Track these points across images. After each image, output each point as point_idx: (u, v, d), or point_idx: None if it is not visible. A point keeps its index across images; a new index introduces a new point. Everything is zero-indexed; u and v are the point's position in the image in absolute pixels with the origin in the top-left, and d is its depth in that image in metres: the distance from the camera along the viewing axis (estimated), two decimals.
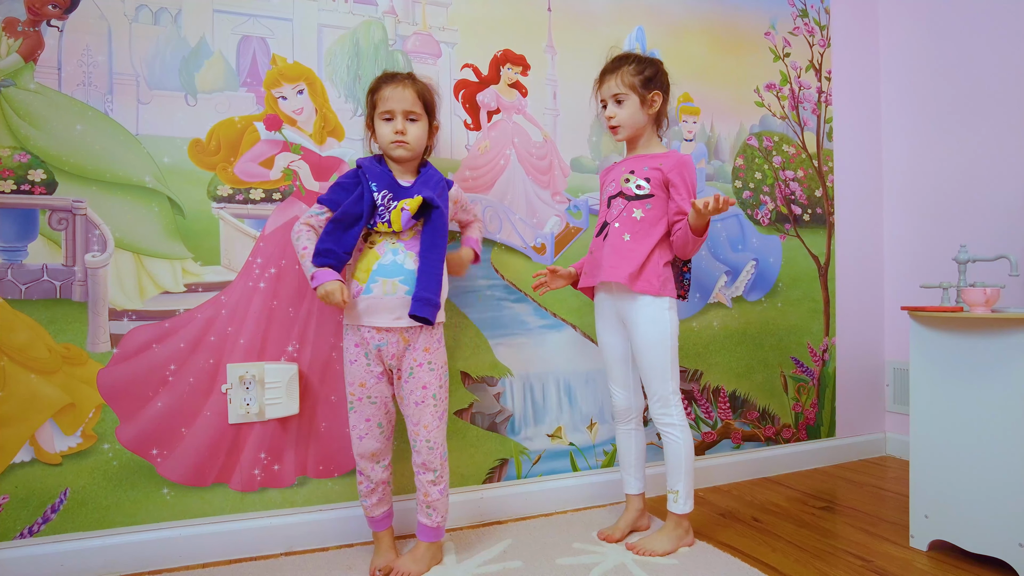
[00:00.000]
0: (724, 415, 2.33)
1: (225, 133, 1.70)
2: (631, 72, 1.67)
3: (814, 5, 2.52)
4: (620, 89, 1.68)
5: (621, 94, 1.68)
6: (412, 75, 1.64)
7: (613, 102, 1.70)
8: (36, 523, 1.54)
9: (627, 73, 1.67)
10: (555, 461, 2.06)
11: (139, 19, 1.63)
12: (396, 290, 1.53)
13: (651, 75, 1.69)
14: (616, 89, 1.68)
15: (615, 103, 1.70)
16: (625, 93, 1.68)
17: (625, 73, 1.67)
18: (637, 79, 1.67)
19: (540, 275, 1.82)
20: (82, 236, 1.58)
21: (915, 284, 2.44)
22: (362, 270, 1.55)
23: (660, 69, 1.72)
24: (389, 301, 1.53)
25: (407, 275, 1.54)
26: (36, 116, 1.54)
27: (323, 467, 1.78)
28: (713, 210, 1.51)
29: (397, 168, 1.62)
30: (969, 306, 1.62)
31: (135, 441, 1.61)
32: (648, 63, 1.70)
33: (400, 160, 1.60)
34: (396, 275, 1.53)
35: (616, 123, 1.70)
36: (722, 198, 1.50)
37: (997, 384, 1.57)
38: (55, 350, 1.55)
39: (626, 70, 1.68)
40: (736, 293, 2.35)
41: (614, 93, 1.69)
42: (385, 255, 1.55)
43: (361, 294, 1.54)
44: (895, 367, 2.61)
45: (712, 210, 1.51)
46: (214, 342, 1.67)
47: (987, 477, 1.58)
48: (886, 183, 2.64)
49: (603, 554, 1.69)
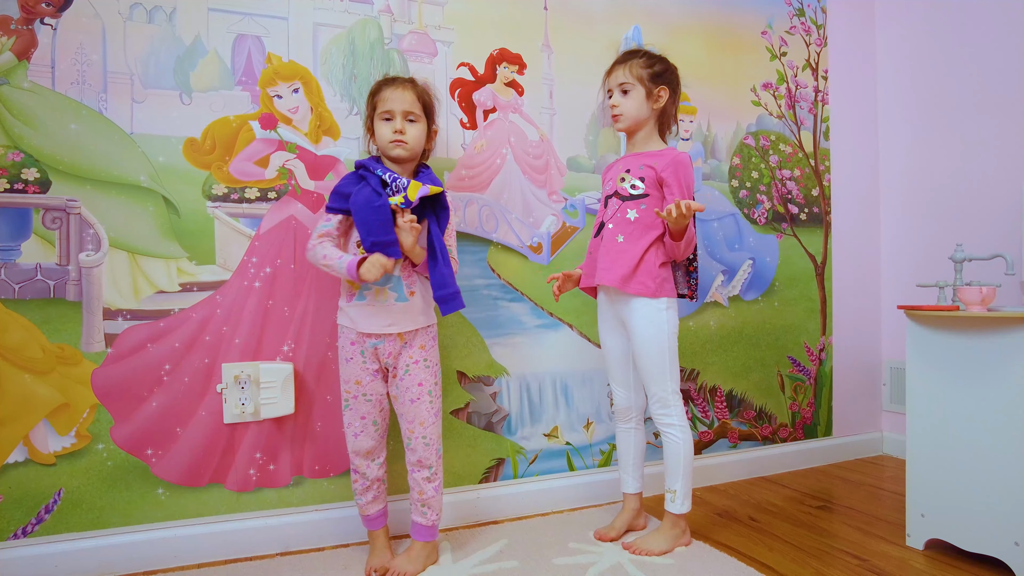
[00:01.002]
0: (721, 414, 2.33)
1: (220, 132, 1.69)
2: (640, 64, 1.68)
3: (811, 4, 2.52)
4: (627, 79, 1.68)
5: (627, 84, 1.68)
6: (413, 79, 1.65)
7: (619, 91, 1.70)
8: (30, 523, 1.53)
9: (636, 65, 1.68)
10: (551, 461, 2.06)
11: (133, 17, 1.62)
12: (387, 297, 1.55)
13: (660, 71, 1.69)
14: (623, 79, 1.69)
15: (621, 92, 1.70)
16: (632, 84, 1.68)
17: (634, 65, 1.68)
18: (645, 72, 1.68)
19: (555, 278, 1.79)
20: (76, 235, 1.58)
21: (912, 283, 2.45)
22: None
23: (670, 67, 1.72)
24: (379, 308, 1.55)
25: (395, 281, 1.56)
26: (30, 115, 1.53)
27: (319, 467, 1.78)
28: (678, 217, 1.50)
29: (395, 169, 1.62)
30: (965, 305, 1.62)
31: (130, 441, 1.61)
32: (659, 59, 1.71)
33: (398, 160, 1.60)
34: (385, 283, 1.55)
35: (619, 112, 1.70)
36: (684, 205, 1.48)
37: (993, 383, 1.57)
38: (49, 350, 1.55)
39: (635, 62, 1.69)
40: (733, 292, 2.35)
41: (620, 82, 1.69)
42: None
43: (354, 300, 1.55)
44: (892, 366, 2.61)
45: (676, 218, 1.50)
46: (209, 342, 1.67)
47: (983, 476, 1.58)
48: (883, 182, 2.65)
49: (599, 554, 1.69)
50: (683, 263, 1.75)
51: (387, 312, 1.55)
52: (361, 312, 1.55)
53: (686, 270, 1.75)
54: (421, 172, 1.64)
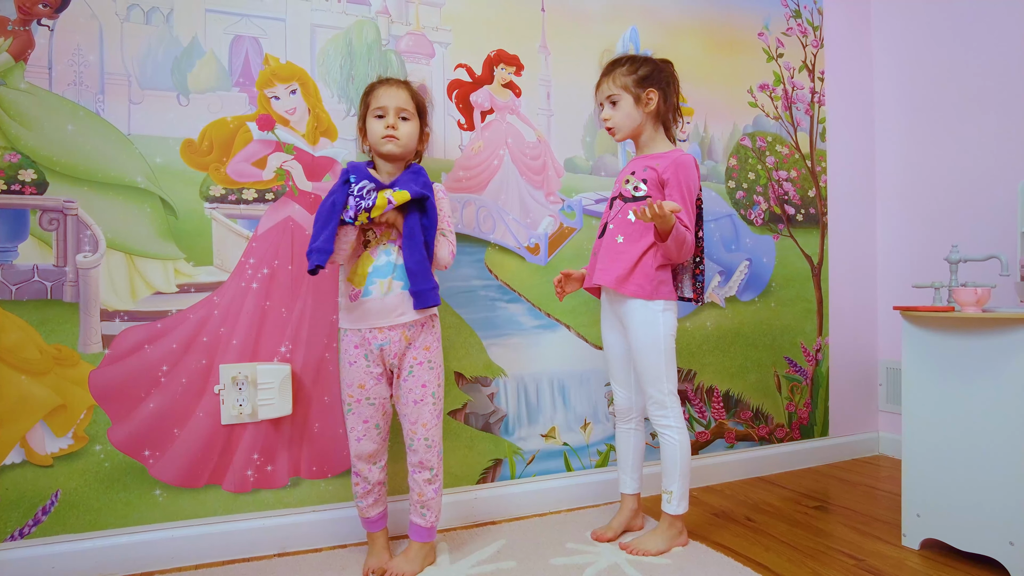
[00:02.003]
0: (718, 415, 2.34)
1: (217, 133, 1.69)
2: (623, 73, 1.69)
3: (807, 6, 2.52)
4: (613, 90, 1.69)
5: (614, 95, 1.70)
6: (407, 80, 1.66)
7: (608, 104, 1.72)
8: (27, 525, 1.53)
9: (619, 74, 1.69)
10: (549, 461, 2.06)
11: (130, 18, 1.62)
12: (393, 288, 1.54)
13: (645, 73, 1.69)
14: (609, 91, 1.70)
15: (610, 105, 1.71)
16: (617, 94, 1.69)
17: (617, 75, 1.69)
18: (629, 79, 1.68)
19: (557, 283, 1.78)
20: (73, 236, 1.57)
21: (907, 284, 2.45)
22: (359, 274, 1.55)
23: (657, 66, 1.71)
24: (389, 300, 1.54)
25: (399, 271, 1.55)
26: (27, 116, 1.53)
27: (316, 468, 1.78)
28: (653, 217, 1.49)
29: (384, 167, 1.62)
30: (960, 306, 1.63)
31: (127, 442, 1.61)
32: (643, 62, 1.70)
33: (389, 156, 1.59)
34: (390, 273, 1.54)
35: (611, 124, 1.72)
36: (657, 205, 1.46)
37: (988, 383, 1.58)
38: (46, 351, 1.55)
39: (618, 71, 1.69)
40: (730, 293, 2.36)
41: (608, 95, 1.71)
42: (379, 257, 1.55)
43: (360, 296, 1.54)
44: (888, 366, 2.62)
45: (652, 217, 1.49)
46: (207, 343, 1.67)
47: (978, 476, 1.59)
48: (879, 183, 2.66)
49: (597, 554, 1.69)
50: (689, 266, 1.75)
51: (394, 303, 1.54)
52: (367, 308, 1.54)
53: (692, 272, 1.75)
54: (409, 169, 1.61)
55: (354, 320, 1.56)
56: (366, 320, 1.55)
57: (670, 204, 1.49)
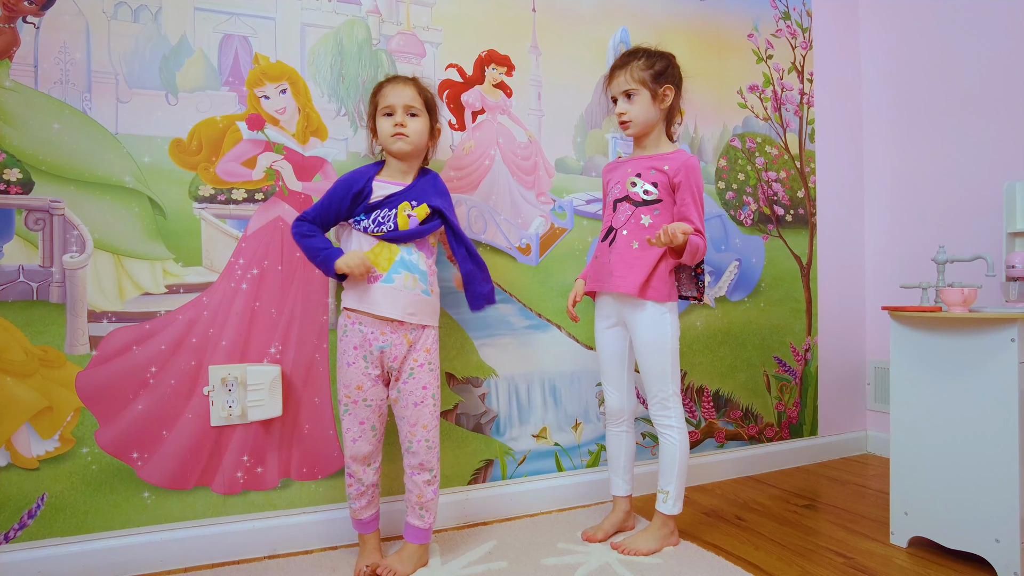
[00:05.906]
0: (708, 414, 2.35)
1: (207, 132, 1.68)
2: (641, 67, 1.64)
3: (796, 7, 2.54)
4: (630, 84, 1.64)
5: (632, 89, 1.64)
6: (415, 77, 1.66)
7: (624, 98, 1.67)
8: (12, 529, 1.51)
9: (637, 68, 1.64)
10: (540, 461, 2.06)
11: (118, 16, 1.60)
12: (416, 285, 1.56)
13: (661, 69, 1.65)
14: (626, 85, 1.65)
15: (625, 99, 1.66)
16: (635, 88, 1.64)
17: (635, 68, 1.64)
18: (647, 73, 1.64)
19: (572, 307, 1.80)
20: (60, 237, 1.56)
21: (895, 284, 2.48)
22: (384, 259, 1.55)
23: (671, 63, 1.68)
24: (407, 295, 1.55)
25: (421, 275, 1.57)
26: (12, 114, 1.51)
27: (307, 469, 1.77)
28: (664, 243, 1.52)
29: (397, 166, 1.62)
30: (947, 306, 1.65)
31: (115, 444, 1.59)
32: (659, 56, 1.66)
33: (400, 154, 1.60)
34: (415, 272, 1.57)
35: (627, 119, 1.67)
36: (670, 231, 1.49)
37: (975, 382, 1.59)
38: (32, 352, 1.53)
39: (635, 65, 1.64)
40: (719, 293, 2.37)
41: (624, 89, 1.66)
42: (405, 251, 1.57)
43: (380, 281, 1.53)
44: (876, 366, 2.64)
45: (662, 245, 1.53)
46: (195, 344, 1.65)
47: (965, 474, 1.61)
48: (867, 184, 2.68)
49: (588, 554, 1.69)
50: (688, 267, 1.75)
51: (411, 300, 1.55)
52: (384, 294, 1.53)
53: (694, 271, 1.75)
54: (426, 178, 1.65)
55: (366, 304, 1.53)
56: (377, 306, 1.53)
57: (680, 226, 1.49)
